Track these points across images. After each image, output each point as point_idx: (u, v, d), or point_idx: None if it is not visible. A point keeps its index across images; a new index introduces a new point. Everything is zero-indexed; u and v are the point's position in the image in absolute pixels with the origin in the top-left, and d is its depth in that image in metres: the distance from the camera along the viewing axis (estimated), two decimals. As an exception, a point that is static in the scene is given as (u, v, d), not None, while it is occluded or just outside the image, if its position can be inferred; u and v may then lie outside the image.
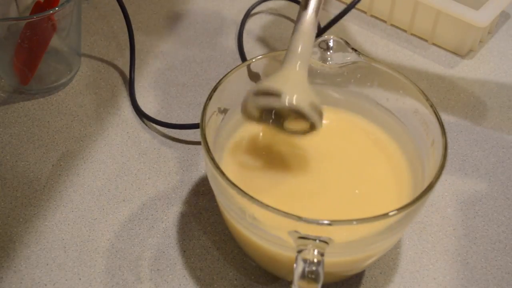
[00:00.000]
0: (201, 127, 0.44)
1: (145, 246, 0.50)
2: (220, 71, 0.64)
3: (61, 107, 0.60)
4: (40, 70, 0.60)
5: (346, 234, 0.40)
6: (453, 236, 0.52)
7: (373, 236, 0.41)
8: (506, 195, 0.55)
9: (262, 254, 0.44)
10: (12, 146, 0.56)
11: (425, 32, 0.69)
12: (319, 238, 0.39)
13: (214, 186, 0.44)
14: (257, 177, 0.47)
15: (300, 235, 0.39)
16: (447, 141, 0.43)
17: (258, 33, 0.69)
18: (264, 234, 0.42)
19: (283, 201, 0.45)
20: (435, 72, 0.66)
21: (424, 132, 0.46)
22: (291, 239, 0.40)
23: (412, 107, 0.47)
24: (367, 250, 0.43)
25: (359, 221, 0.39)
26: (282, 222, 0.39)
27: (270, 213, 0.39)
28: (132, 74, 0.62)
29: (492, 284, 0.49)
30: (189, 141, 0.57)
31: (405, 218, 0.41)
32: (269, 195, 0.45)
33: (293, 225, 0.39)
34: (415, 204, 0.40)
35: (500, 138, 0.59)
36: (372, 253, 0.44)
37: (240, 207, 0.41)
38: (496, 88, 0.64)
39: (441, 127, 0.44)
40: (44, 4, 0.58)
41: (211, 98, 0.45)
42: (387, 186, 0.47)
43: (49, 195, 0.53)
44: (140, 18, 0.70)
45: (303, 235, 0.39)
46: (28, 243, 0.50)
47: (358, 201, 0.46)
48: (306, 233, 0.39)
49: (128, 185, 0.54)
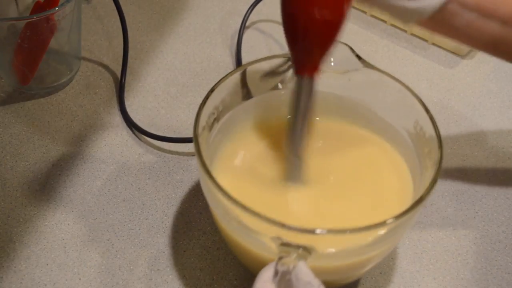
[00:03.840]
0: (194, 135, 0.43)
1: (145, 246, 0.50)
2: (220, 71, 0.64)
3: (61, 107, 0.60)
4: (40, 70, 0.60)
5: (329, 244, 0.39)
6: (453, 236, 0.52)
7: (359, 248, 0.40)
8: (506, 195, 0.55)
9: (249, 256, 0.44)
10: (12, 146, 0.56)
11: (425, 32, 0.69)
12: (302, 246, 0.38)
13: (204, 189, 0.43)
14: (253, 182, 0.47)
15: (283, 241, 0.38)
16: (442, 156, 0.43)
17: (258, 32, 0.69)
18: (249, 238, 0.41)
19: (278, 209, 0.45)
20: (435, 72, 0.66)
21: (423, 143, 0.46)
22: (274, 245, 0.39)
23: (413, 117, 0.47)
24: (352, 259, 0.42)
25: (339, 231, 0.38)
26: (265, 227, 0.38)
27: (254, 217, 0.38)
28: (123, 76, 0.62)
29: (492, 284, 0.49)
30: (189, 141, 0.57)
31: (394, 231, 0.40)
32: (264, 201, 0.45)
33: (276, 231, 0.38)
34: (403, 216, 0.39)
35: (500, 138, 0.59)
36: (359, 262, 0.43)
37: (226, 209, 0.41)
38: (496, 88, 0.64)
39: (439, 140, 0.43)
40: (44, 4, 0.58)
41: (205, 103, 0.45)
42: (389, 194, 0.46)
43: (49, 195, 0.53)
44: (140, 18, 0.70)
45: (286, 242, 0.38)
46: (28, 243, 0.50)
47: (358, 210, 0.45)
48: (289, 241, 0.38)
49: (128, 185, 0.54)
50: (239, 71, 0.48)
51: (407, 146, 0.48)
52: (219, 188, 0.40)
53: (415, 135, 0.47)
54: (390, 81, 0.48)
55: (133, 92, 0.62)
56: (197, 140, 0.43)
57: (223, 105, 0.48)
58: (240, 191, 0.42)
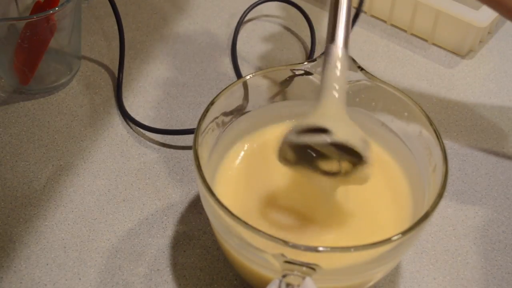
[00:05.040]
0: (194, 145, 0.43)
1: (145, 246, 0.50)
2: (220, 71, 0.64)
3: (61, 107, 0.60)
4: (40, 70, 0.60)
5: (334, 261, 0.39)
6: (453, 236, 0.52)
7: (362, 264, 0.40)
8: (506, 195, 0.55)
9: (252, 273, 0.43)
10: (12, 146, 0.56)
11: (425, 32, 0.69)
12: (306, 264, 0.37)
13: (204, 204, 0.43)
14: (252, 196, 0.46)
15: (286, 259, 0.38)
16: (447, 170, 0.42)
17: (258, 32, 0.69)
18: (251, 255, 0.40)
19: (278, 224, 0.44)
20: (435, 72, 0.66)
21: (427, 157, 0.45)
22: (277, 263, 0.38)
23: (416, 130, 0.46)
24: (357, 278, 0.41)
25: (343, 249, 0.37)
26: (268, 245, 0.38)
27: (257, 235, 0.38)
28: (120, 76, 0.62)
29: (492, 284, 0.49)
30: (189, 141, 0.57)
31: (397, 248, 0.40)
32: (262, 215, 0.45)
33: (279, 249, 0.38)
34: (408, 234, 0.39)
35: (500, 138, 0.59)
36: (364, 279, 0.42)
37: (227, 226, 0.40)
38: (496, 88, 0.64)
39: (443, 153, 0.43)
40: (44, 4, 0.58)
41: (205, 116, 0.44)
42: (386, 209, 0.46)
43: (49, 195, 0.53)
44: (140, 18, 0.70)
45: (289, 260, 0.38)
46: (28, 243, 0.50)
47: (356, 225, 0.45)
48: (293, 258, 0.37)
49: (128, 185, 0.54)
50: (240, 83, 0.47)
51: (408, 158, 0.47)
52: (220, 205, 0.39)
53: (418, 148, 0.46)
54: (392, 92, 0.47)
55: (133, 92, 0.62)
56: (197, 155, 0.42)
57: (224, 117, 0.47)
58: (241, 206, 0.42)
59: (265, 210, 0.46)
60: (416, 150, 0.47)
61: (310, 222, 0.45)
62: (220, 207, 0.39)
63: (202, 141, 0.44)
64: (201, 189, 0.41)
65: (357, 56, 0.51)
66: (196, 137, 0.43)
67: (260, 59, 0.66)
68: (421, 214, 0.40)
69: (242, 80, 0.48)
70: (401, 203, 0.46)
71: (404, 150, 0.48)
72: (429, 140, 0.45)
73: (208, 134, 0.45)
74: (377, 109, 0.49)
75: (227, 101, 0.47)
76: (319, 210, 0.46)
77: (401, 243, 0.39)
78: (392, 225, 0.44)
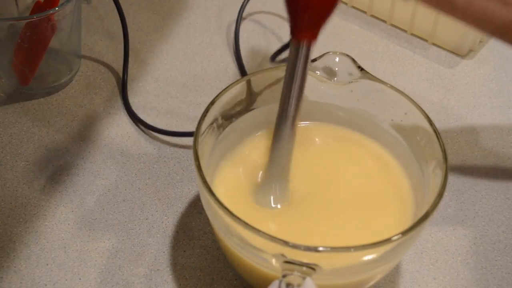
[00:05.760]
0: (194, 145, 0.43)
1: (145, 246, 0.50)
2: (220, 71, 0.64)
3: (61, 107, 0.60)
4: (40, 70, 0.60)
5: (334, 261, 0.39)
6: (453, 236, 0.52)
7: (362, 264, 0.40)
8: (506, 195, 0.55)
9: (252, 273, 0.43)
10: (12, 146, 0.56)
11: (425, 32, 0.69)
12: (306, 264, 0.37)
13: (205, 204, 0.43)
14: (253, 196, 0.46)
15: (286, 259, 0.38)
16: (447, 170, 0.42)
17: (257, 32, 0.69)
18: (251, 255, 0.41)
19: (278, 223, 0.44)
20: (435, 72, 0.66)
21: (427, 157, 0.45)
22: (277, 263, 0.38)
23: (416, 130, 0.46)
24: (357, 278, 0.41)
25: (343, 249, 0.37)
26: (268, 245, 0.38)
27: (257, 235, 0.38)
28: (125, 75, 0.62)
29: (492, 284, 0.49)
30: (189, 141, 0.57)
31: (397, 248, 0.40)
32: (263, 215, 0.44)
33: (279, 249, 0.38)
34: (408, 234, 0.39)
35: (500, 138, 0.59)
36: (363, 279, 0.42)
37: (227, 226, 0.40)
38: (496, 88, 0.64)
39: (443, 153, 0.43)
40: (44, 4, 0.58)
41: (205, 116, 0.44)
42: (388, 208, 0.46)
43: (49, 195, 0.53)
44: (140, 18, 0.70)
45: (289, 260, 0.38)
46: (28, 243, 0.50)
47: (358, 224, 0.45)
48: (293, 258, 0.38)
49: (128, 185, 0.54)
50: (242, 82, 0.47)
51: (409, 158, 0.47)
52: (220, 205, 0.39)
53: (418, 148, 0.46)
54: (392, 92, 0.47)
55: (133, 92, 0.62)
56: (197, 155, 0.42)
57: (224, 117, 0.47)
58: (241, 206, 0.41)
59: (269, 208, 0.46)
60: (416, 150, 0.47)
61: (310, 222, 0.45)
62: (220, 207, 0.39)
63: (202, 141, 0.44)
64: (201, 189, 0.41)
65: (357, 56, 0.51)
66: (196, 137, 0.43)
67: (261, 57, 0.66)
68: (420, 213, 0.40)
69: (243, 79, 0.48)
70: (403, 203, 0.46)
71: (404, 150, 0.48)
72: (429, 140, 0.45)
73: (208, 134, 0.46)
74: (377, 109, 0.49)
75: (228, 101, 0.47)
76: (320, 210, 0.46)
77: (401, 243, 0.39)
78: (393, 225, 0.44)
